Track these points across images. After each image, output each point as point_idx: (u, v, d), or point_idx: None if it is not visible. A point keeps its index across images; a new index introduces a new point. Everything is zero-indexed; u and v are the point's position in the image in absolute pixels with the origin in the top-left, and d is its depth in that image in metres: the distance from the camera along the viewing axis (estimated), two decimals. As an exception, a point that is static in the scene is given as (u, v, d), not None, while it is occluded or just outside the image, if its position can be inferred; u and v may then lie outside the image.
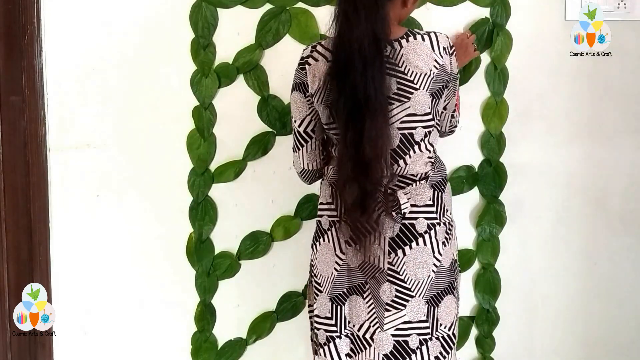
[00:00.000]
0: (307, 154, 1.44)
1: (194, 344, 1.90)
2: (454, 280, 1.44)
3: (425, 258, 1.36)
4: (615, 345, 1.99)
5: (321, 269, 1.42)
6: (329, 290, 1.41)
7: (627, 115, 1.92)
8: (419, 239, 1.36)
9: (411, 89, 1.32)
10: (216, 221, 1.87)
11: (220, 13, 1.79)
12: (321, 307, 1.43)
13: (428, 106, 1.34)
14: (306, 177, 1.48)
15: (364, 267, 1.38)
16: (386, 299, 1.37)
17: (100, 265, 1.86)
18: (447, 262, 1.40)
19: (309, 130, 1.42)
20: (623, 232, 1.96)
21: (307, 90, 1.38)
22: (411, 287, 1.36)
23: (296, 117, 1.43)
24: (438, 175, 1.42)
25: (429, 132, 1.36)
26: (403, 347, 1.37)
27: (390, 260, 1.36)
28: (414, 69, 1.32)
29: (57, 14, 1.78)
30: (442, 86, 1.36)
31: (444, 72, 1.35)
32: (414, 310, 1.37)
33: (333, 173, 1.41)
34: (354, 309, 1.41)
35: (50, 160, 1.83)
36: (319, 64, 1.35)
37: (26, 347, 1.88)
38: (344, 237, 1.38)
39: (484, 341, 1.95)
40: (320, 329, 1.43)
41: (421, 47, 1.33)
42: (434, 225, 1.38)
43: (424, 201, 1.38)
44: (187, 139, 1.84)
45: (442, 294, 1.40)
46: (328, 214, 1.42)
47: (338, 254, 1.40)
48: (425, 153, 1.37)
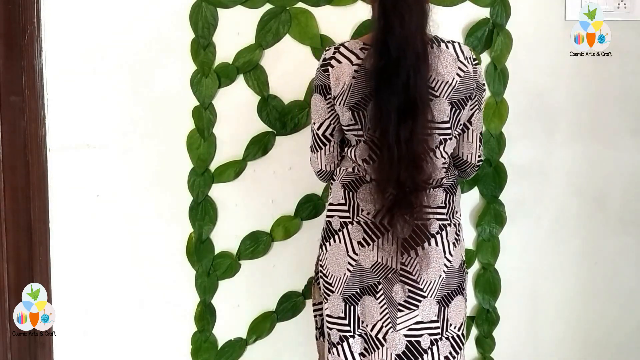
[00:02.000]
0: (325, 156, 1.44)
1: (194, 344, 1.90)
2: (463, 281, 1.45)
3: (437, 258, 1.37)
4: (615, 345, 1.99)
5: (332, 270, 1.42)
6: (342, 290, 1.41)
7: (627, 115, 1.92)
8: (432, 239, 1.37)
9: (431, 95, 1.31)
10: (216, 221, 1.87)
11: (220, 13, 1.79)
12: (333, 307, 1.43)
13: (446, 115, 1.33)
14: (323, 176, 1.49)
15: (377, 268, 1.38)
16: (399, 299, 1.38)
17: (100, 265, 1.86)
18: (457, 262, 1.41)
19: (327, 134, 1.41)
20: (623, 232, 1.96)
21: (328, 93, 1.36)
22: (423, 288, 1.37)
23: (315, 120, 1.42)
24: (451, 179, 1.43)
25: (444, 139, 1.36)
26: (415, 347, 1.38)
27: (403, 261, 1.36)
28: (437, 76, 1.31)
29: (57, 14, 1.78)
30: (465, 96, 1.35)
31: (469, 79, 1.34)
32: (426, 310, 1.38)
33: (346, 174, 1.41)
34: (367, 309, 1.41)
35: (50, 160, 1.83)
36: (343, 65, 1.33)
37: (26, 347, 1.88)
38: (356, 237, 1.38)
39: (484, 341, 1.95)
40: (333, 328, 1.44)
41: (445, 54, 1.33)
42: (445, 226, 1.39)
43: (436, 203, 1.38)
44: (187, 139, 1.84)
45: (452, 295, 1.41)
46: (339, 215, 1.41)
47: (351, 254, 1.39)
48: (441, 160, 1.37)
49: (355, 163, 1.39)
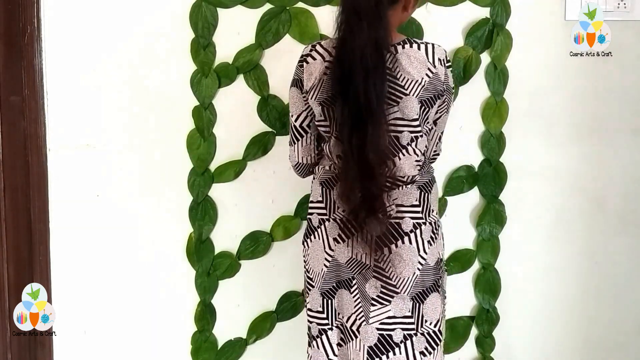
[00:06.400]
0: (302, 148, 1.48)
1: (194, 344, 1.90)
2: (440, 279, 1.47)
3: (411, 256, 1.39)
4: (615, 345, 1.99)
5: (312, 265, 1.47)
6: (320, 285, 1.46)
7: (627, 115, 1.92)
8: (405, 237, 1.39)
9: (401, 94, 1.34)
10: (216, 221, 1.87)
11: (220, 13, 1.79)
12: (313, 301, 1.48)
13: (416, 112, 1.36)
14: (300, 170, 1.52)
15: (351, 263, 1.42)
16: (372, 294, 1.41)
17: (100, 265, 1.86)
18: (433, 260, 1.43)
19: (304, 125, 1.45)
20: (623, 232, 1.96)
21: (303, 87, 1.41)
22: (397, 284, 1.39)
23: (293, 112, 1.46)
24: (425, 177, 1.45)
25: (415, 137, 1.38)
26: (387, 340, 1.42)
27: (377, 258, 1.39)
28: (406, 75, 1.35)
29: (57, 14, 1.78)
30: (434, 95, 1.38)
31: (438, 80, 1.37)
32: (399, 306, 1.41)
33: (324, 172, 1.45)
34: (342, 302, 1.45)
35: (50, 160, 1.83)
36: (316, 62, 1.38)
37: (26, 347, 1.88)
38: (332, 234, 1.42)
39: (484, 341, 1.95)
40: (312, 322, 1.49)
41: (416, 54, 1.36)
42: (420, 224, 1.41)
43: (410, 201, 1.40)
44: (187, 139, 1.84)
45: (427, 292, 1.43)
46: (318, 212, 1.45)
47: (327, 250, 1.43)
48: (413, 157, 1.39)
49: (331, 160, 1.42)
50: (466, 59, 1.83)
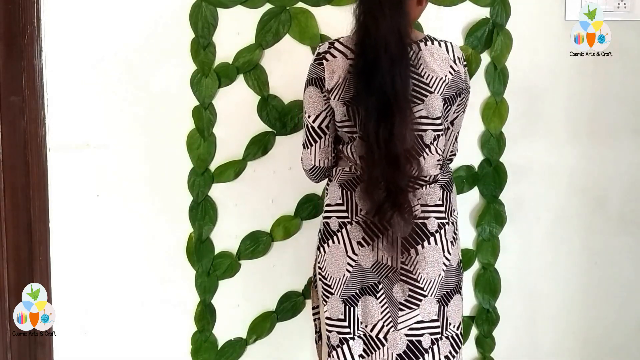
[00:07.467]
0: (319, 150, 1.41)
1: (194, 344, 1.90)
2: (460, 280, 1.45)
3: (437, 257, 1.37)
4: (615, 345, 2.00)
5: (331, 271, 1.41)
6: (341, 292, 1.40)
7: (627, 115, 1.92)
8: (431, 238, 1.37)
9: (426, 91, 1.33)
10: (216, 221, 1.87)
11: (220, 13, 1.79)
12: (333, 309, 1.42)
13: (440, 110, 1.35)
14: (316, 174, 1.45)
15: (377, 267, 1.38)
16: (400, 298, 1.38)
17: (100, 265, 1.86)
18: (455, 261, 1.41)
19: (323, 126, 1.40)
20: (623, 231, 1.96)
21: (323, 86, 1.36)
22: (424, 287, 1.37)
23: (310, 113, 1.40)
24: (446, 176, 1.43)
25: (437, 136, 1.37)
26: (416, 346, 1.38)
27: (404, 260, 1.36)
28: (431, 72, 1.33)
29: (57, 14, 1.78)
30: (455, 93, 1.37)
31: (459, 78, 1.37)
32: (427, 309, 1.38)
33: (343, 174, 1.41)
34: (367, 309, 1.40)
35: (50, 160, 1.83)
36: (338, 60, 1.34)
37: (26, 347, 1.88)
38: (356, 238, 1.38)
39: (484, 341, 1.95)
40: (332, 331, 1.42)
41: (438, 52, 1.35)
42: (444, 224, 1.39)
43: (434, 201, 1.38)
44: (187, 139, 1.84)
45: (451, 294, 1.41)
46: (337, 215, 1.40)
47: (350, 255, 1.39)
48: (436, 156, 1.38)
49: (352, 161, 1.38)
50: (466, 59, 1.83)
